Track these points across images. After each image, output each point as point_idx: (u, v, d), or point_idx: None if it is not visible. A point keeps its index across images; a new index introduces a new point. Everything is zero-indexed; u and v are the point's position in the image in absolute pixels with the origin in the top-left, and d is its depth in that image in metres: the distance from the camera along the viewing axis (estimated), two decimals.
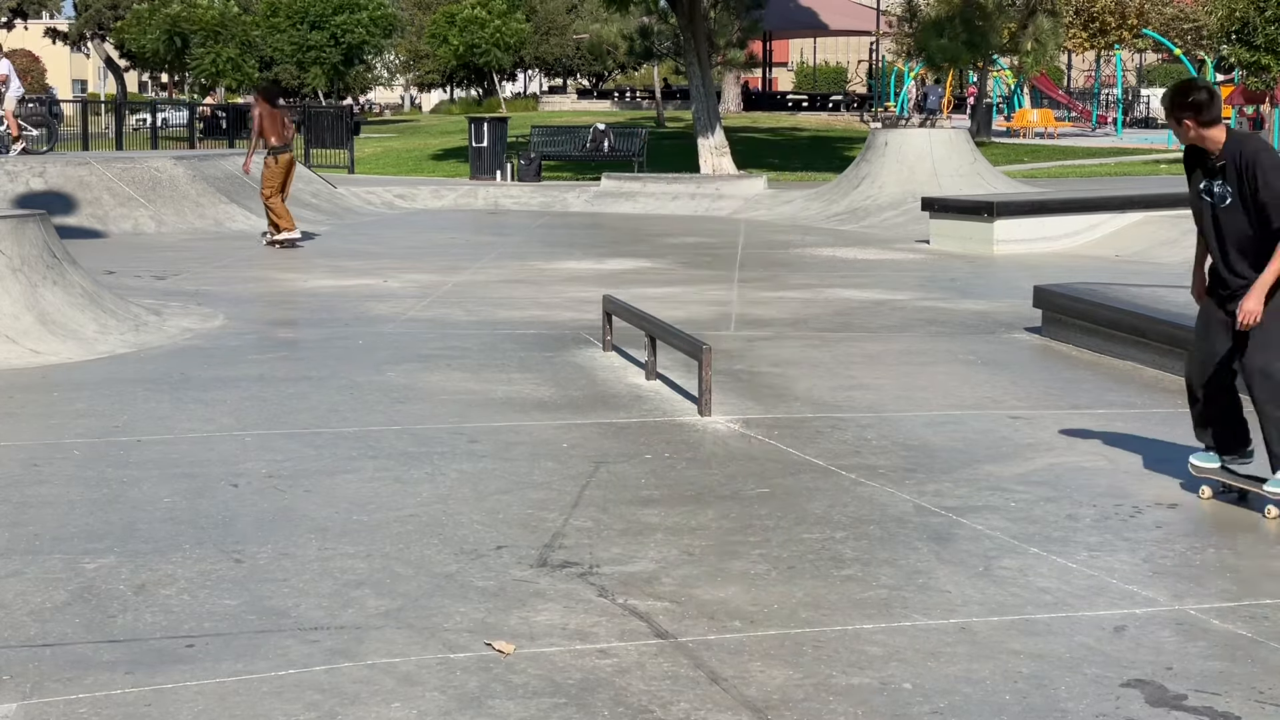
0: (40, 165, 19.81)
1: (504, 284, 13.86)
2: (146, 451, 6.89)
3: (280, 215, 17.26)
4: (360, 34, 58.85)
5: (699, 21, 29.52)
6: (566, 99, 67.02)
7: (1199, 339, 6.07)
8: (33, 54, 75.77)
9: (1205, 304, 6.04)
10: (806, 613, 4.74)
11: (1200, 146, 5.80)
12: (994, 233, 16.87)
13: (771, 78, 69.06)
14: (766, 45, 59.94)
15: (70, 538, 5.49)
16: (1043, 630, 4.61)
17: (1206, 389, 6.05)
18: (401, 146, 43.29)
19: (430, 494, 6.17)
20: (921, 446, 7.16)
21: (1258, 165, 5.58)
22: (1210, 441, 6.19)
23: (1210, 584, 5.09)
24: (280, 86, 17.99)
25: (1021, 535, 5.64)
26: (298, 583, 4.98)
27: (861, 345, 10.21)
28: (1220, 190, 5.74)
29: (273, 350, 9.82)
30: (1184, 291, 11.13)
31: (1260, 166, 5.57)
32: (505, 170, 29.47)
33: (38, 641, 4.43)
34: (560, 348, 9.92)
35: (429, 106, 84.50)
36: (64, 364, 9.20)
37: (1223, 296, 5.92)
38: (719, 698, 4.05)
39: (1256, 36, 33.37)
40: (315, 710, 3.93)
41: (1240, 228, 5.72)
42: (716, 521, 5.80)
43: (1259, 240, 5.67)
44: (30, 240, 10.07)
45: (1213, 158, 5.76)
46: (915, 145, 22.55)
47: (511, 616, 4.66)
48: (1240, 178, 5.65)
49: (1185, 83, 5.85)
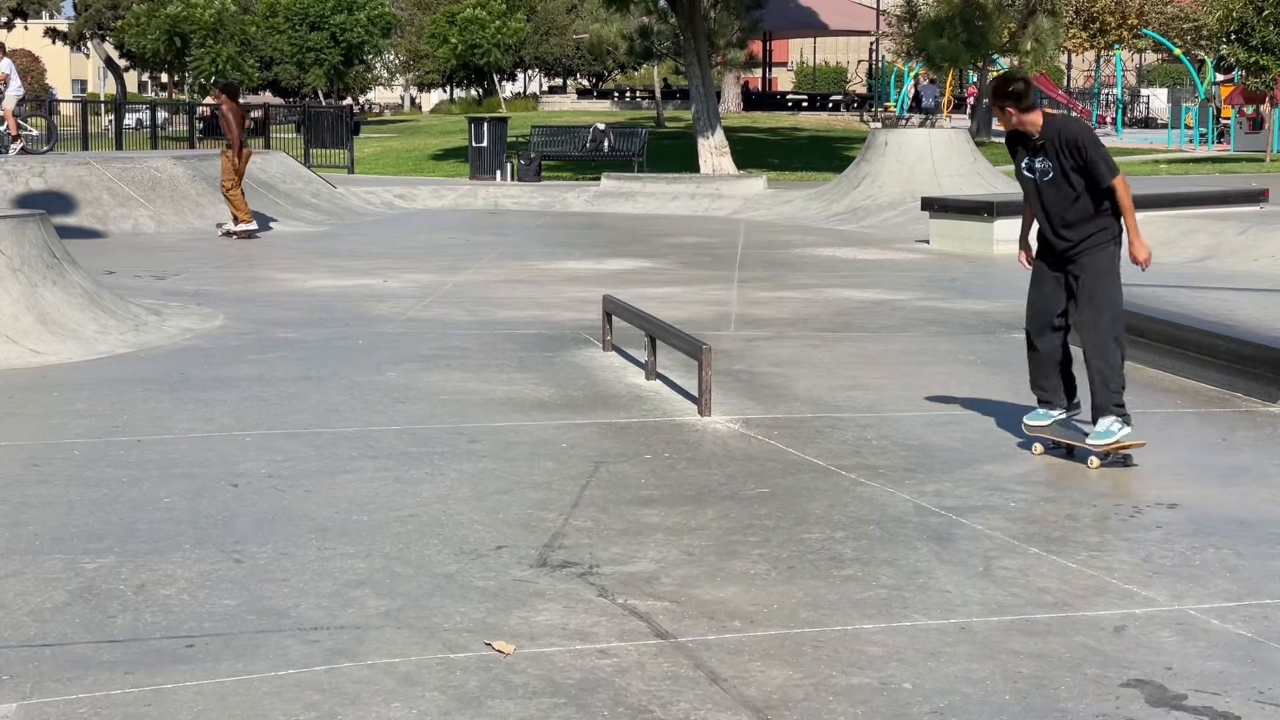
0: (40, 165, 19.81)
1: (504, 284, 13.86)
2: (146, 451, 6.89)
3: (240, 208, 18.27)
4: (359, 34, 58.85)
5: (699, 21, 29.52)
6: (566, 99, 66.99)
7: (1033, 295, 6.81)
8: (33, 54, 75.77)
9: (1038, 265, 6.80)
10: (806, 613, 4.74)
11: (1022, 130, 6.63)
12: (994, 233, 16.86)
13: (771, 78, 69.04)
14: (766, 45, 59.92)
15: (70, 538, 5.49)
16: (1043, 630, 4.61)
17: (1041, 340, 6.78)
18: (401, 146, 43.29)
19: (430, 494, 6.17)
20: (921, 446, 7.16)
21: (1079, 141, 6.47)
22: (1044, 394, 6.84)
23: (1210, 584, 5.09)
24: (237, 85, 19.07)
25: (1021, 535, 5.64)
26: (298, 583, 4.98)
27: (861, 345, 10.21)
28: (1042, 166, 6.59)
29: (273, 350, 9.82)
30: (1184, 292, 11.16)
31: (1081, 142, 6.46)
32: (505, 170, 29.47)
33: (38, 641, 4.43)
34: (560, 348, 9.92)
35: (429, 106, 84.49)
36: (64, 364, 9.20)
37: (1053, 259, 6.71)
38: (719, 698, 4.05)
39: (1254, 37, 33.37)
40: (315, 710, 3.93)
41: (1062, 196, 6.57)
42: (716, 521, 5.81)
43: (1083, 203, 6.53)
44: (30, 240, 10.07)
45: (1034, 139, 6.61)
46: (915, 145, 22.55)
47: (511, 616, 4.66)
48: (1059, 154, 6.51)
49: (1005, 75, 6.75)
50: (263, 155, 24.81)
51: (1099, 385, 6.57)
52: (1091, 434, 6.62)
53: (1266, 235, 15.82)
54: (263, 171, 22.80)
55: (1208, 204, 18.62)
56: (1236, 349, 8.53)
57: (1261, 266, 14.77)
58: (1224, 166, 32.48)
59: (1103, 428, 6.60)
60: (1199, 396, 8.44)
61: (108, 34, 65.77)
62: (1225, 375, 8.53)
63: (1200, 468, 6.86)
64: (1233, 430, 7.65)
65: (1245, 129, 38.64)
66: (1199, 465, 6.92)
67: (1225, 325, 9.00)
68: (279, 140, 36.26)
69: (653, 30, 37.33)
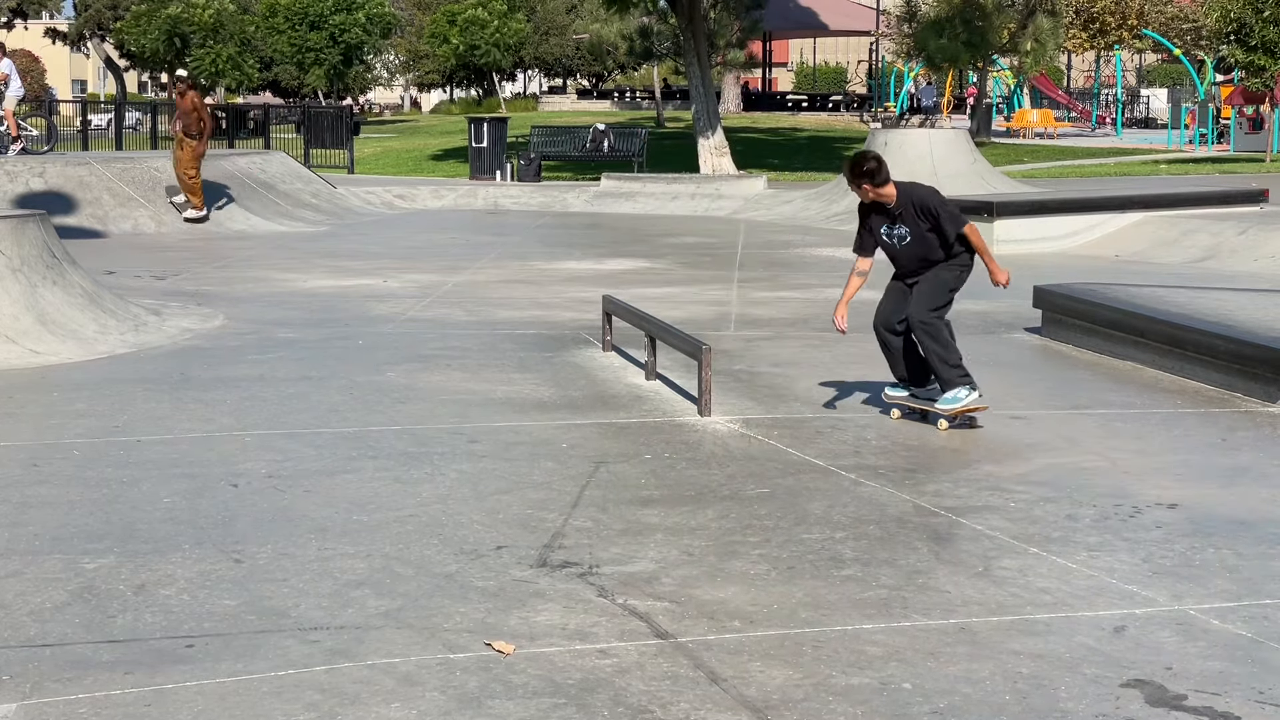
0: (40, 165, 19.81)
1: (504, 284, 13.86)
2: (146, 451, 6.89)
3: (197, 194, 19.44)
4: (357, 34, 58.83)
5: (699, 22, 29.52)
6: (566, 99, 66.98)
7: (884, 303, 7.65)
8: (33, 54, 75.77)
9: (893, 283, 7.67)
10: (806, 613, 4.74)
11: (879, 201, 7.40)
12: (994, 233, 16.83)
13: (771, 78, 69.04)
14: (766, 45, 59.92)
15: (70, 538, 5.49)
16: (1043, 630, 4.61)
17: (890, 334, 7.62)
18: (401, 147, 43.28)
19: (430, 494, 6.17)
20: (921, 446, 7.16)
21: (929, 206, 7.32)
22: (902, 375, 7.68)
23: (1210, 584, 5.09)
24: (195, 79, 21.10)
25: (1021, 535, 5.64)
26: (297, 583, 4.98)
27: (861, 345, 10.18)
28: (900, 231, 7.43)
29: (273, 350, 9.82)
30: (1184, 291, 11.16)
31: (931, 206, 7.32)
32: (505, 170, 29.46)
33: (38, 641, 4.43)
34: (560, 348, 9.92)
35: (429, 107, 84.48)
36: (64, 364, 9.20)
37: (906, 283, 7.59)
38: (719, 698, 4.05)
39: (1253, 37, 33.36)
40: (315, 710, 3.93)
41: (917, 254, 7.43)
42: (716, 521, 5.81)
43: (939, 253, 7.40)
44: (30, 240, 10.07)
45: (890, 208, 7.40)
46: (915, 145, 22.54)
47: (511, 616, 4.66)
48: (916, 218, 7.34)
49: (858, 156, 7.41)
50: (263, 155, 24.83)
51: (939, 364, 7.40)
52: (940, 400, 7.46)
53: (1266, 235, 15.82)
54: (263, 172, 22.81)
55: (1208, 204, 18.60)
56: (1236, 349, 8.53)
57: (1261, 267, 14.77)
58: (1224, 167, 32.49)
59: (950, 395, 7.41)
60: (1199, 396, 8.44)
61: (108, 34, 65.76)
62: (1225, 375, 8.53)
63: (1200, 468, 6.86)
64: (1233, 430, 7.64)
65: (1245, 129, 38.61)
66: (1199, 465, 6.92)
67: (1225, 325, 9.00)
68: (279, 140, 36.24)
69: (653, 30, 37.34)
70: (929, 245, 7.39)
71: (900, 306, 7.53)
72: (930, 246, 7.39)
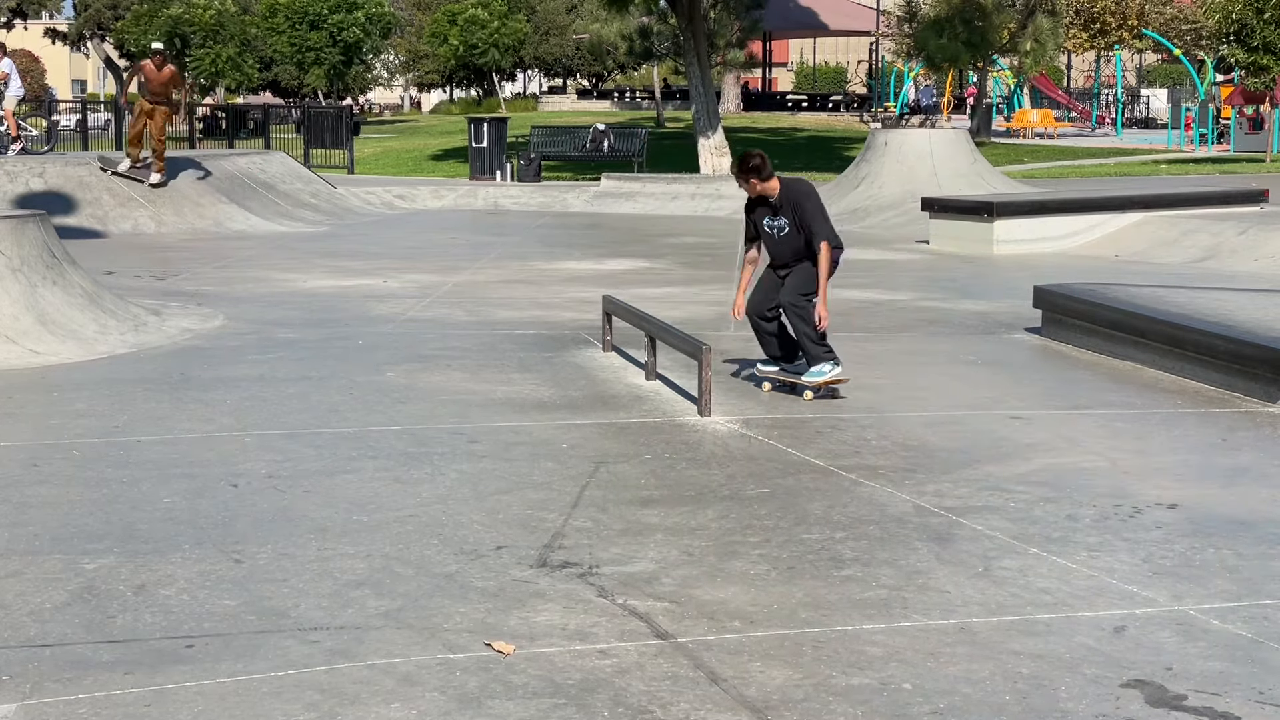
0: (40, 165, 19.81)
1: (504, 284, 13.86)
2: (146, 451, 6.89)
3: (162, 159, 19.96)
4: (355, 33, 58.81)
5: (699, 21, 29.51)
6: (566, 99, 66.96)
7: (756, 292, 8.33)
8: (33, 54, 75.74)
9: (766, 272, 8.35)
10: (806, 613, 4.74)
11: (764, 195, 8.18)
12: (994, 233, 16.87)
13: (771, 78, 69.02)
14: (766, 45, 59.90)
15: (70, 538, 5.49)
16: (1043, 630, 4.61)
17: (762, 320, 8.31)
18: (401, 147, 43.28)
19: (430, 494, 6.17)
20: (921, 446, 7.16)
21: (803, 206, 8.12)
22: (774, 353, 8.37)
23: (1210, 584, 5.09)
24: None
25: (1021, 535, 5.64)
26: (297, 583, 4.98)
27: (861, 345, 10.20)
28: (779, 224, 8.20)
29: (273, 350, 9.82)
30: (1184, 291, 11.16)
31: (805, 207, 8.12)
32: (505, 170, 29.46)
33: (38, 641, 4.42)
34: (560, 348, 9.92)
35: (429, 107, 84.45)
36: (63, 364, 9.20)
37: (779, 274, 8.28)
38: (719, 698, 4.05)
39: (1254, 37, 33.36)
40: (315, 710, 3.93)
41: (791, 245, 8.18)
42: (716, 522, 5.81)
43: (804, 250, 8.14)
44: (30, 240, 10.07)
45: (773, 201, 8.19)
46: (915, 145, 22.54)
47: (511, 617, 4.66)
48: (793, 212, 8.11)
49: (745, 154, 8.26)
50: (263, 155, 24.83)
51: (806, 341, 8.11)
52: (806, 373, 8.21)
53: (1266, 235, 15.82)
54: (263, 172, 22.81)
55: (1208, 204, 18.61)
56: (1236, 349, 8.53)
57: (1261, 267, 14.78)
58: (1224, 167, 32.48)
59: (815, 369, 8.16)
60: (1199, 396, 8.44)
61: (108, 34, 65.74)
62: (1225, 375, 8.53)
63: (1200, 468, 6.87)
64: (1233, 430, 7.65)
65: (1245, 129, 38.61)
66: (1199, 465, 6.92)
67: (1225, 325, 9.00)
68: (279, 140, 36.23)
69: (652, 30, 37.29)
70: (800, 241, 8.15)
71: (771, 295, 8.26)
72: (802, 241, 8.15)
